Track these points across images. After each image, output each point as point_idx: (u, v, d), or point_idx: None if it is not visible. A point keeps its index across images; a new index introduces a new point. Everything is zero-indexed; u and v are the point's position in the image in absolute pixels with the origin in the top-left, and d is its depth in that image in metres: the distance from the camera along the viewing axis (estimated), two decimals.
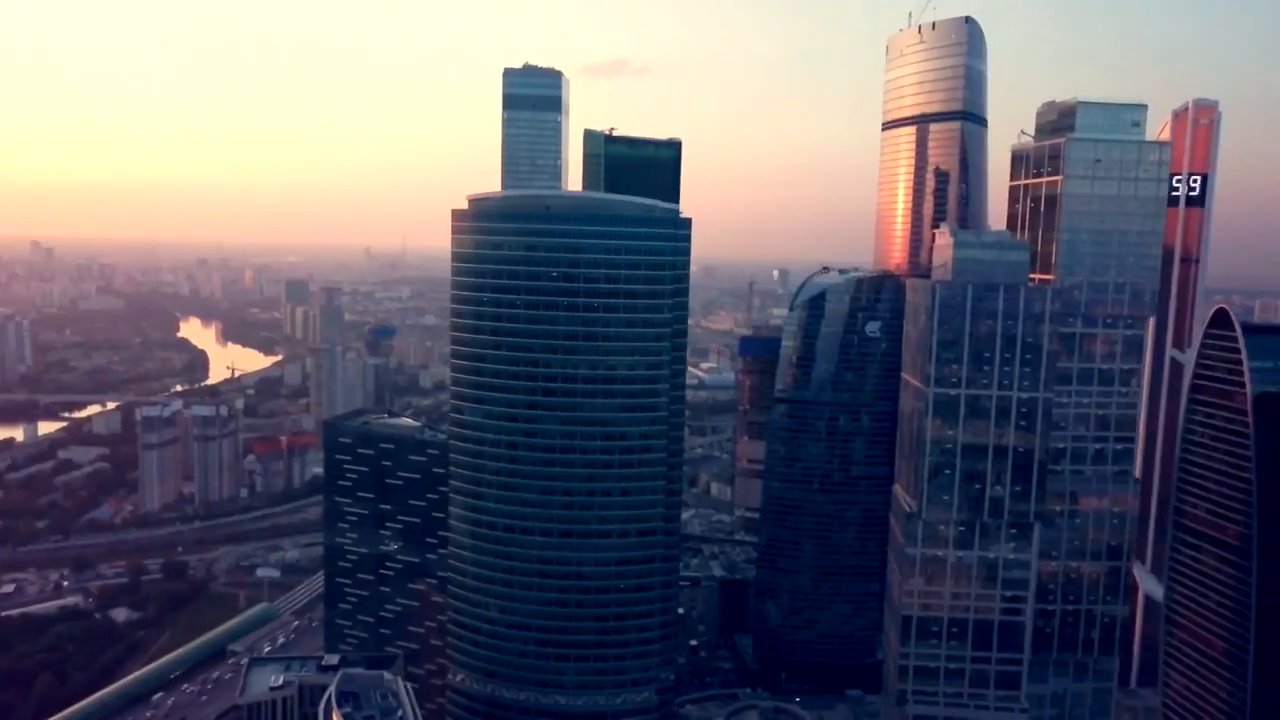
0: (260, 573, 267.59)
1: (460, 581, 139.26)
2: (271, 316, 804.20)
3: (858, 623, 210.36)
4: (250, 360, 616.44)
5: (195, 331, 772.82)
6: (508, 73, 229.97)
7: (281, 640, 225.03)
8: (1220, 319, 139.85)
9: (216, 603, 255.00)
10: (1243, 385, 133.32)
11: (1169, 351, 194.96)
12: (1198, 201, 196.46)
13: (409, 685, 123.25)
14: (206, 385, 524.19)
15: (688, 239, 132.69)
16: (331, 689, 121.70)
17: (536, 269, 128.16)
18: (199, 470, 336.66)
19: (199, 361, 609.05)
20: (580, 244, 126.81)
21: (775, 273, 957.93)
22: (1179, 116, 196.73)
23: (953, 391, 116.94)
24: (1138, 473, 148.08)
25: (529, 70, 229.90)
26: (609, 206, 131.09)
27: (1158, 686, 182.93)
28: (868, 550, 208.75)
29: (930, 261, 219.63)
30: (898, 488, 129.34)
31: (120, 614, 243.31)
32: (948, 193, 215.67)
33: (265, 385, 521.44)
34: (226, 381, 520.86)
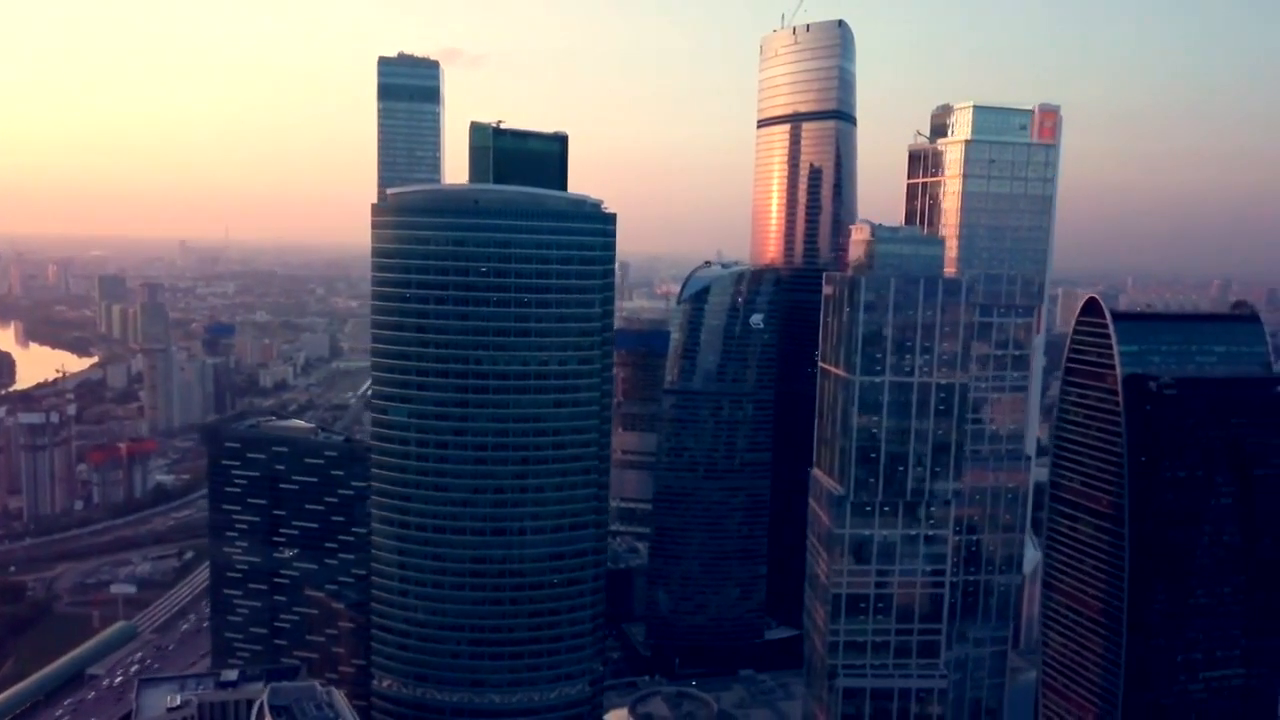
0: (114, 589, 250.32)
1: (385, 585, 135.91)
2: (82, 315, 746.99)
3: (746, 605, 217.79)
4: (62, 362, 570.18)
5: None
6: (383, 62, 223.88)
7: (135, 667, 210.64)
8: (1091, 307, 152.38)
9: (65, 624, 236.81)
10: (1112, 367, 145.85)
11: None
12: None
13: (343, 694, 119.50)
14: (17, 390, 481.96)
15: (614, 234, 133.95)
16: (263, 701, 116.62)
17: (465, 264, 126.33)
18: (28, 482, 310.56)
19: (4, 364, 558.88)
20: (510, 239, 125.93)
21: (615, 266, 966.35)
22: None
23: (877, 379, 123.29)
24: None
25: (406, 60, 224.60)
26: (539, 201, 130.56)
27: (1018, 647, 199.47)
28: (754, 534, 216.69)
29: (804, 254, 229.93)
30: (818, 472, 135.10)
31: None
32: (821, 189, 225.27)
33: (86, 389, 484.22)
34: (41, 385, 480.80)
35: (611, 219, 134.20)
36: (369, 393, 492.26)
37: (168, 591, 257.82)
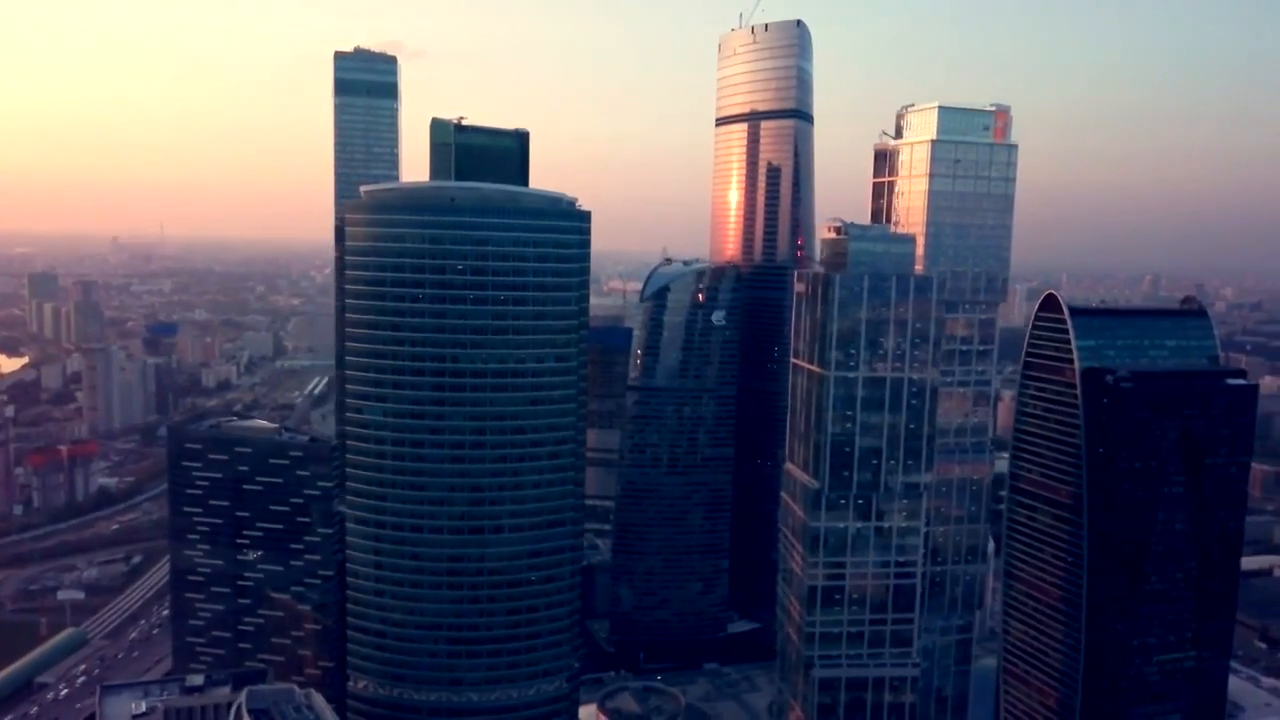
0: (61, 595, 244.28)
1: (361, 585, 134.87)
2: (10, 314, 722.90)
3: (709, 599, 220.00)
4: None
5: None
6: (340, 57, 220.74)
7: (82, 678, 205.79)
8: (1049, 303, 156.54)
9: (10, 632, 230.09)
10: (1071, 361, 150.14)
11: None
12: None
13: (322, 696, 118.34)
14: None
15: (589, 231, 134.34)
16: (240, 703, 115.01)
17: (441, 262, 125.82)
18: None
19: None
20: (487, 236, 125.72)
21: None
22: None
23: (851, 375, 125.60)
24: None
25: (363, 55, 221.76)
26: (515, 199, 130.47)
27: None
28: (716, 529, 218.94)
29: (763, 252, 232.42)
30: (791, 467, 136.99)
31: None
32: (780, 187, 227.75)
33: (19, 389, 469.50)
34: None
35: (586, 216, 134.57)
36: (315, 391, 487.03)
37: (117, 597, 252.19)
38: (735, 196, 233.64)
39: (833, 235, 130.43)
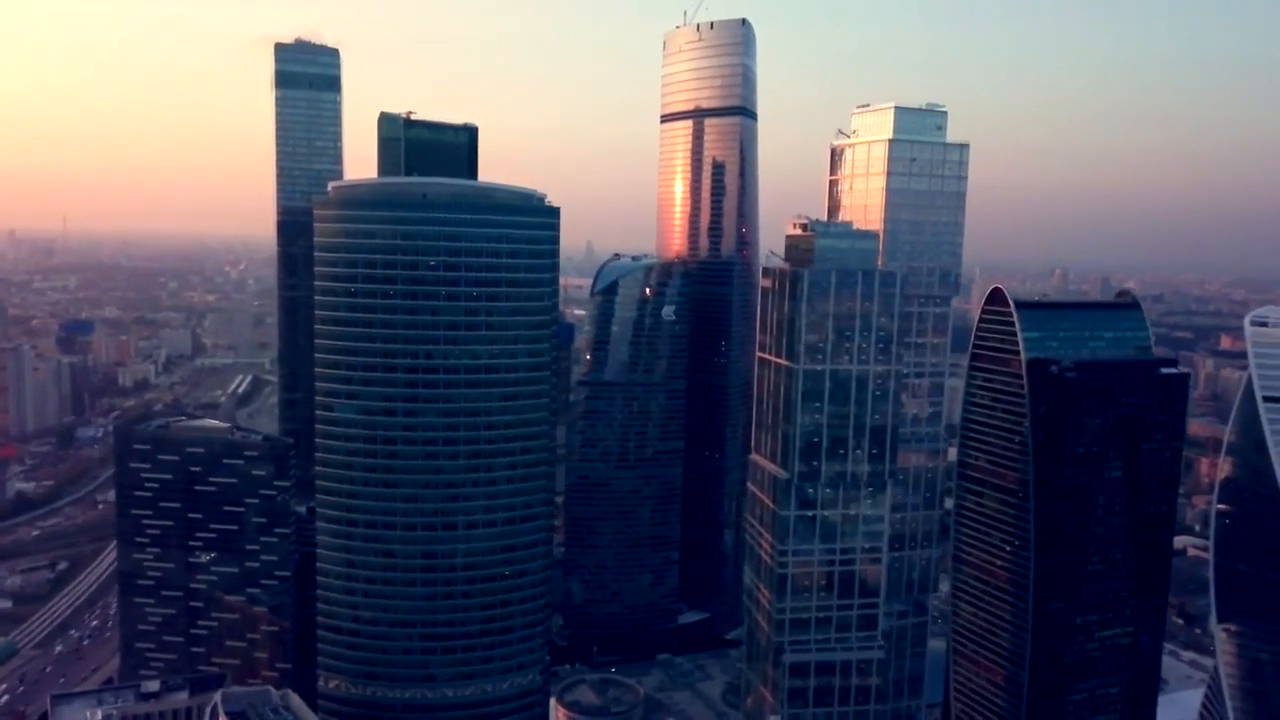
0: None
1: (331, 584, 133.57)
2: None
3: (660, 591, 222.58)
4: None
5: None
6: (281, 49, 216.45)
7: (6, 696, 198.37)
8: (996, 296, 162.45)
9: None
10: (1017, 352, 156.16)
11: None
12: None
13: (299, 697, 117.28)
14: None
15: (558, 227, 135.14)
16: (216, 704, 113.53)
17: (414, 258, 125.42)
18: None
19: None
20: (460, 232, 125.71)
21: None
22: None
23: (818, 367, 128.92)
24: None
25: (305, 47, 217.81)
26: (488, 194, 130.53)
27: None
28: (667, 521, 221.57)
29: (708, 247, 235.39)
30: (757, 458, 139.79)
31: None
32: (725, 183, 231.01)
33: None
34: None
35: (556, 212, 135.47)
36: (239, 390, 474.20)
37: (44, 605, 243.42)
38: (680, 193, 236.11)
39: (799, 232, 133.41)
